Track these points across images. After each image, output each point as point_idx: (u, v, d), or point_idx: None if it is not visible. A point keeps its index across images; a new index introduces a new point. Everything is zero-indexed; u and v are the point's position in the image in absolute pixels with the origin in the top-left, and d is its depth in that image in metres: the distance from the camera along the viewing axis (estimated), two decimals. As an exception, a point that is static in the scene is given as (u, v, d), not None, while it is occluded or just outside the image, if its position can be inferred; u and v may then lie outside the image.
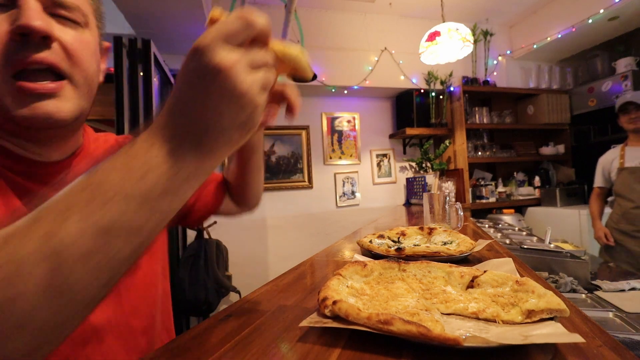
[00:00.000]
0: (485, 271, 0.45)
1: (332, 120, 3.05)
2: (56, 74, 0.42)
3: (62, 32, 0.42)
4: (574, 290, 0.99)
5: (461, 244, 0.73)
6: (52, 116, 0.41)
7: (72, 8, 0.43)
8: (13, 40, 0.38)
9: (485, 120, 3.01)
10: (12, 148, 0.44)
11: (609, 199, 2.13)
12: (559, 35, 2.75)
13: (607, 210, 2.13)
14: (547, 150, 3.09)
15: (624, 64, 2.71)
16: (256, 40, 0.31)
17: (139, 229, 0.28)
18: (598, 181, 2.14)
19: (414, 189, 2.91)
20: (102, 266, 0.27)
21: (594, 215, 2.11)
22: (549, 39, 2.84)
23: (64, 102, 0.42)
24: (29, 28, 0.37)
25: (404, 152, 3.23)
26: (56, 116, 0.41)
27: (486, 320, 0.37)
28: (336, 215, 3.01)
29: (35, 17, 0.38)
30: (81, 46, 0.44)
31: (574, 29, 2.63)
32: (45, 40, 0.40)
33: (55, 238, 0.25)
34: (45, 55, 0.40)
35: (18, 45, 0.38)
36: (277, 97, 0.39)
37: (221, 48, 0.27)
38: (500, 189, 2.99)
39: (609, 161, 2.07)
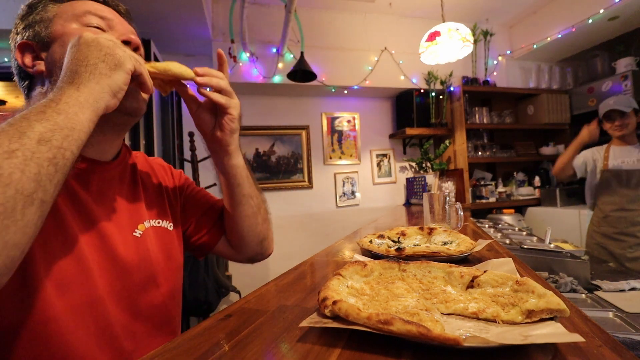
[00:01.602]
0: (485, 271, 0.45)
1: (332, 120, 3.05)
2: None
3: None
4: (574, 290, 0.99)
5: (461, 244, 0.73)
6: (136, 102, 0.56)
7: (139, 45, 0.59)
8: None
9: (485, 120, 3.01)
10: None
11: (589, 202, 2.10)
12: (559, 35, 2.75)
13: (588, 212, 2.11)
14: (547, 150, 3.09)
15: (624, 64, 2.71)
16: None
17: (47, 140, 0.35)
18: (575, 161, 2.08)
19: (414, 189, 2.91)
20: (27, 160, 0.33)
21: (568, 149, 2.05)
22: (549, 39, 2.84)
23: (139, 93, 0.57)
24: (128, 39, 0.55)
25: (404, 152, 3.23)
26: (138, 103, 0.56)
27: (486, 320, 0.37)
28: (336, 215, 3.01)
29: (129, 34, 0.57)
30: None
31: (574, 29, 2.62)
32: (134, 49, 0.56)
33: None
34: None
35: None
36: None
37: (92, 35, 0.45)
38: (500, 189, 2.99)
39: (597, 158, 2.02)
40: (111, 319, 0.51)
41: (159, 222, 0.64)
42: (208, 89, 0.57)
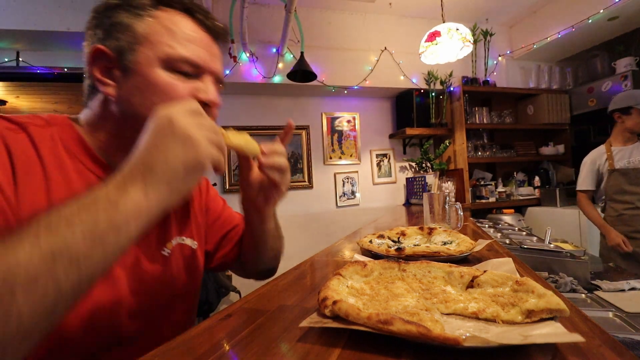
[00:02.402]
0: (485, 271, 0.45)
1: (332, 120, 3.05)
2: None
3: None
4: (573, 290, 0.99)
5: (461, 244, 0.73)
6: None
7: (223, 84, 0.59)
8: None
9: (485, 120, 3.01)
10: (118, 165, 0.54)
11: (600, 203, 2.09)
12: (559, 35, 2.75)
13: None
14: (547, 150, 3.09)
15: (623, 64, 2.71)
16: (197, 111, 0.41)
17: (84, 257, 0.30)
18: (587, 183, 2.04)
19: (414, 189, 2.91)
20: (47, 292, 0.28)
21: (601, 222, 1.98)
22: (549, 39, 2.84)
23: None
24: (213, 102, 0.52)
25: (404, 152, 3.23)
26: None
27: (486, 320, 0.37)
28: (336, 215, 3.01)
29: (215, 93, 0.53)
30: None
31: (573, 29, 2.63)
32: (213, 107, 0.53)
33: (5, 262, 0.27)
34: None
35: None
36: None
37: (168, 106, 0.39)
38: (500, 189, 2.99)
39: (602, 162, 2.01)
40: (125, 336, 0.50)
41: (183, 240, 0.62)
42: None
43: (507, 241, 1.43)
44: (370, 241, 0.83)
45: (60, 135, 0.49)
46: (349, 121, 3.09)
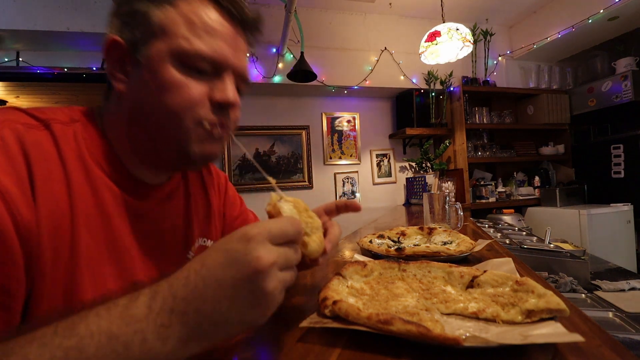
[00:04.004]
0: (485, 271, 0.45)
1: (332, 120, 3.05)
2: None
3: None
4: (573, 290, 0.99)
5: (461, 244, 0.73)
6: (216, 155, 0.50)
7: (248, 83, 0.53)
8: (211, 103, 0.46)
9: (485, 120, 3.01)
10: (134, 172, 0.50)
11: None
12: (559, 35, 2.75)
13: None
14: (547, 150, 3.09)
15: (623, 64, 2.71)
16: (291, 241, 0.34)
17: None
18: None
19: (414, 189, 2.91)
20: None
21: None
22: (549, 39, 2.84)
23: (222, 146, 0.51)
24: (231, 102, 0.46)
25: (404, 152, 3.23)
26: (217, 155, 0.50)
27: (486, 320, 0.37)
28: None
29: (234, 93, 0.48)
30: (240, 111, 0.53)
31: (574, 29, 2.63)
32: (232, 108, 0.48)
33: None
34: (226, 119, 0.49)
35: (214, 108, 0.46)
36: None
37: (265, 244, 0.31)
38: (500, 189, 2.99)
39: None
40: None
41: (205, 241, 0.60)
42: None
43: (507, 241, 1.43)
44: (370, 241, 0.83)
45: (83, 134, 0.46)
46: (349, 121, 3.09)
